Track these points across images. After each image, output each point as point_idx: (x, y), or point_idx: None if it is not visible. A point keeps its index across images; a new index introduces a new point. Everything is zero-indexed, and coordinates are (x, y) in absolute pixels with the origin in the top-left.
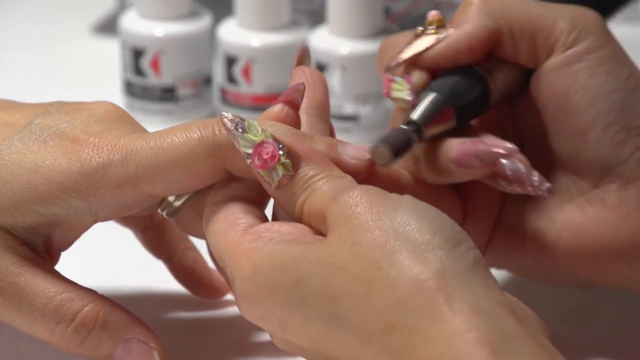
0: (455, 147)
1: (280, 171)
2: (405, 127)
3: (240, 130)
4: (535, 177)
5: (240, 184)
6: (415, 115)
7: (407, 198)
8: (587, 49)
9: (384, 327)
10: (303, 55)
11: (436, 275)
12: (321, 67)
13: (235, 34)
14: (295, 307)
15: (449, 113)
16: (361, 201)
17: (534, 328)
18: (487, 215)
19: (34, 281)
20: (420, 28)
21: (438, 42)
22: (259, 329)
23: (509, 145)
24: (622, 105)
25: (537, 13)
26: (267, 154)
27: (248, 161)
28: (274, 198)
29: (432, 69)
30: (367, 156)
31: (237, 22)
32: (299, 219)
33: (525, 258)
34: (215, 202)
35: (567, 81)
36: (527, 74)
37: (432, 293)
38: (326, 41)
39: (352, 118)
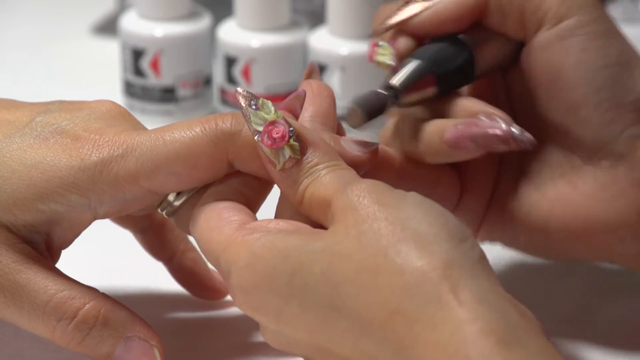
0: (449, 129)
1: (287, 153)
2: (382, 91)
3: (253, 107)
4: (516, 130)
5: (233, 186)
6: (395, 80)
7: (413, 194)
8: (578, 23)
9: (387, 314)
10: (311, 72)
11: (443, 264)
12: (321, 68)
13: (235, 34)
14: (294, 295)
15: (429, 80)
16: (368, 193)
17: (535, 326)
18: (483, 191)
19: (35, 279)
20: None
21: (426, 9)
22: (258, 329)
23: (503, 126)
24: (614, 82)
25: None
26: (277, 132)
27: (257, 138)
28: (275, 180)
29: (419, 36)
30: (371, 148)
31: (237, 23)
32: (298, 204)
33: (518, 232)
34: (207, 201)
35: (558, 57)
36: (516, 47)
37: (438, 281)
38: (326, 42)
39: None
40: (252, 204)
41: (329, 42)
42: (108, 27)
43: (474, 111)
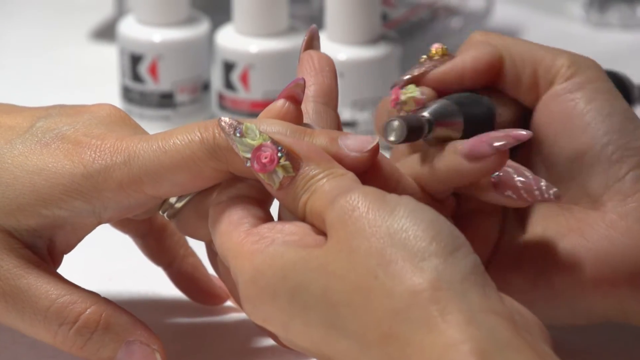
0: (466, 142)
1: (281, 173)
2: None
3: (238, 134)
4: (543, 182)
5: (243, 184)
6: (428, 111)
7: (406, 200)
8: (586, 80)
9: (381, 337)
10: (312, 38)
11: (431, 286)
12: None
13: (233, 40)
14: (296, 313)
15: (458, 121)
16: (358, 205)
17: (534, 335)
18: (485, 244)
19: (37, 283)
20: (424, 56)
21: (444, 63)
22: (260, 334)
23: (522, 132)
24: (620, 127)
25: (537, 48)
26: (265, 157)
27: (248, 165)
28: (277, 199)
29: (438, 90)
30: (369, 147)
31: (235, 28)
32: (302, 219)
33: (524, 287)
34: (219, 203)
35: (566, 106)
36: (524, 116)
37: (426, 305)
38: (324, 47)
39: (349, 124)
40: (264, 199)
41: (327, 47)
42: (106, 32)
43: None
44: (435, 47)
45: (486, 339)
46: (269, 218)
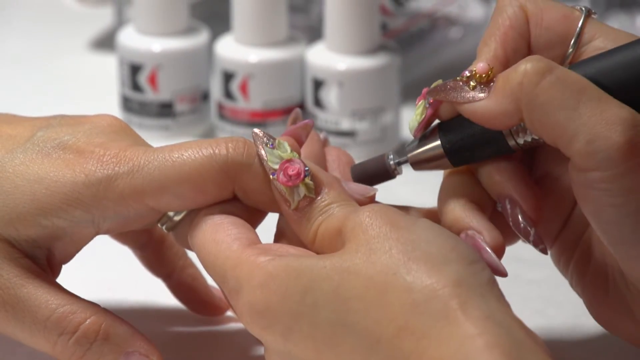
0: (461, 237)
1: (302, 191)
2: (389, 157)
3: (270, 146)
4: (532, 235)
5: (234, 204)
6: (411, 152)
7: (424, 220)
8: (599, 179)
9: (395, 331)
10: (296, 119)
11: (453, 283)
12: (318, 83)
13: (232, 49)
14: (304, 312)
15: (445, 163)
16: (380, 215)
17: (540, 346)
18: (558, 212)
19: (36, 293)
20: (467, 74)
21: (464, 102)
22: (258, 343)
23: (501, 269)
24: (631, 231)
25: (559, 121)
26: (293, 170)
27: (272, 177)
28: (288, 219)
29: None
30: (370, 193)
31: (235, 38)
32: (311, 243)
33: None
34: (211, 214)
35: (580, 200)
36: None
37: (447, 299)
38: (323, 57)
39: (349, 134)
40: (253, 220)
41: (327, 57)
42: (106, 42)
43: (462, 227)
44: (480, 69)
45: (504, 336)
46: (259, 239)
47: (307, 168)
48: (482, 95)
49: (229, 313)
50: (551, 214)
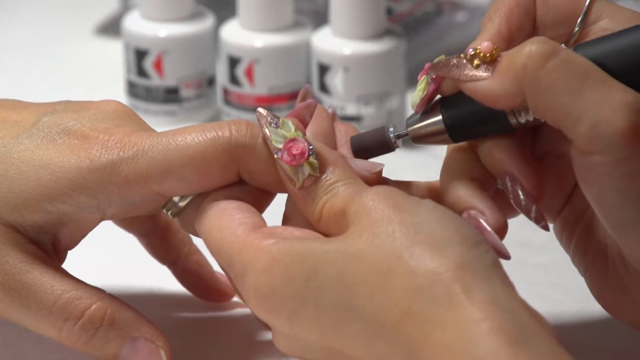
0: (463, 217)
1: (307, 170)
2: (389, 130)
3: (274, 125)
4: (533, 212)
5: (239, 189)
6: (412, 126)
7: (428, 201)
8: (602, 163)
9: (399, 316)
10: (306, 95)
11: (456, 266)
12: (324, 68)
13: (238, 35)
14: (309, 297)
15: (446, 139)
16: (383, 198)
17: (547, 329)
18: (560, 189)
19: (42, 279)
20: (471, 52)
21: (467, 80)
22: (264, 329)
23: (503, 250)
24: (633, 213)
25: (563, 104)
26: (297, 149)
27: (277, 156)
28: (294, 198)
29: None
30: (377, 169)
31: (240, 23)
32: (317, 222)
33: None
34: (216, 201)
35: (582, 182)
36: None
37: (450, 282)
38: (329, 42)
39: (354, 119)
40: (259, 204)
41: (332, 42)
42: (111, 27)
43: (465, 206)
44: (485, 48)
45: (508, 319)
46: (264, 223)
47: (311, 147)
48: (485, 74)
49: (235, 299)
50: (553, 191)
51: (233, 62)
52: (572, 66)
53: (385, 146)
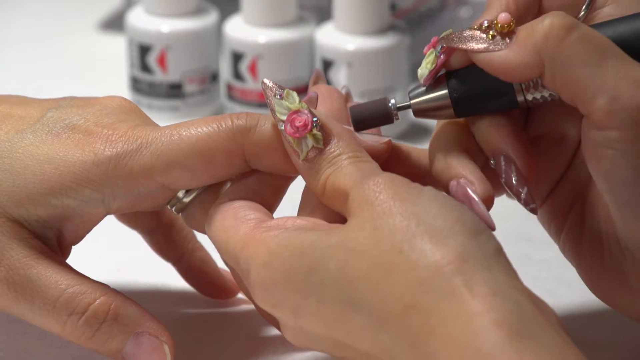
0: (451, 185)
1: (310, 142)
2: (390, 102)
3: (278, 97)
4: (523, 193)
5: (248, 185)
6: (415, 98)
7: (429, 188)
8: (618, 139)
9: (402, 310)
10: (317, 78)
11: (457, 258)
12: (327, 63)
13: (241, 30)
14: (311, 291)
15: (449, 113)
16: (384, 188)
17: (552, 319)
18: (550, 172)
19: (46, 274)
20: (486, 23)
21: (482, 51)
22: (268, 325)
23: (489, 220)
24: None
25: (582, 77)
26: (300, 121)
27: (280, 127)
28: (299, 170)
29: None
30: (383, 141)
31: (244, 19)
32: (320, 194)
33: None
34: (222, 201)
35: (593, 161)
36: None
37: (452, 275)
38: (332, 37)
39: None
40: (269, 203)
41: (336, 37)
42: (115, 23)
43: (454, 174)
44: (502, 19)
45: (511, 311)
46: (269, 217)
47: (315, 119)
48: (501, 45)
49: (240, 295)
50: (541, 177)
51: (237, 57)
52: (593, 40)
53: (386, 117)
